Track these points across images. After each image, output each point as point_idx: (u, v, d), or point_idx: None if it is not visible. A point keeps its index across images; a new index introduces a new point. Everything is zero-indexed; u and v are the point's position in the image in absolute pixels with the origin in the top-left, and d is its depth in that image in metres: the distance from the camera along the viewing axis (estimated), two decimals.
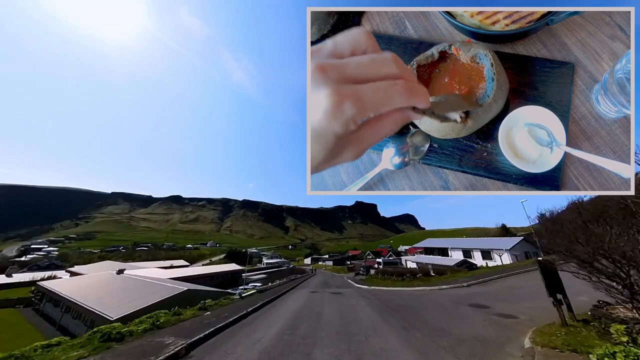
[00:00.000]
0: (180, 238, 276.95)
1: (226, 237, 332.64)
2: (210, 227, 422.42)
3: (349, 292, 22.96)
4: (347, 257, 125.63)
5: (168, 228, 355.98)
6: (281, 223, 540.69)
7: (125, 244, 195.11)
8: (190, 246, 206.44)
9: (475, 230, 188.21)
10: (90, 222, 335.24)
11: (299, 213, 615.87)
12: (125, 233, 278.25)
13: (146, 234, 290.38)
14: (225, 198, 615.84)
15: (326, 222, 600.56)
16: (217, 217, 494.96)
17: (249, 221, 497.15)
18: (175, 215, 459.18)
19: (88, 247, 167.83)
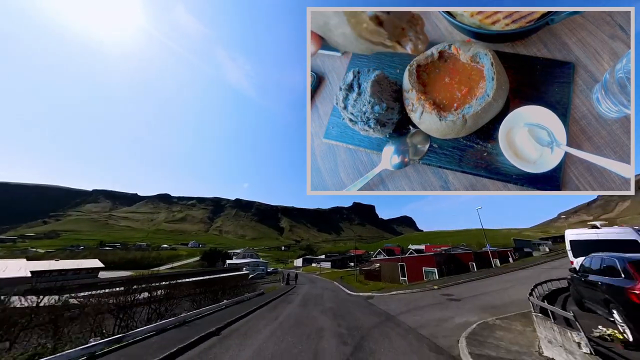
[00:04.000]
0: (161, 238, 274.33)
1: (214, 238, 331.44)
2: (199, 227, 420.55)
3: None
4: (348, 257, 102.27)
5: (151, 227, 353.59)
6: (276, 224, 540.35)
7: (92, 243, 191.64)
8: (167, 246, 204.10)
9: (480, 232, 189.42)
10: (62, 220, 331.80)
11: (294, 214, 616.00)
12: (97, 232, 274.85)
13: (123, 233, 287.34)
14: (217, 197, 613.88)
15: (323, 223, 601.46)
16: (206, 216, 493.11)
17: (241, 221, 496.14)
18: (162, 215, 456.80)
19: (44, 247, 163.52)
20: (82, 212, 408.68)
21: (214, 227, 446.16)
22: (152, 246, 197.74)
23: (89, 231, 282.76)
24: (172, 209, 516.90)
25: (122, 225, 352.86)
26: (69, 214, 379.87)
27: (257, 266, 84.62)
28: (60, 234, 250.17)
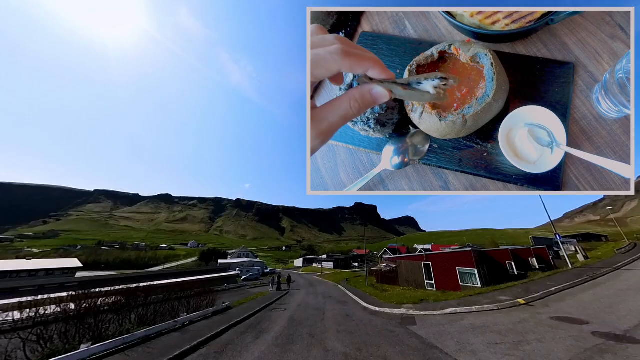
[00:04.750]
0: (161, 238, 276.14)
1: (214, 238, 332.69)
2: (199, 227, 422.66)
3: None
4: (351, 257, 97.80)
5: (151, 228, 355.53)
6: (277, 224, 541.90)
7: (91, 243, 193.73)
8: (165, 246, 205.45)
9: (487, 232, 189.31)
10: (63, 220, 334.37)
11: (296, 214, 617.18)
12: (97, 232, 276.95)
13: (123, 233, 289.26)
14: (218, 197, 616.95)
15: (325, 223, 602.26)
16: (207, 216, 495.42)
17: (242, 221, 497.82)
18: (162, 215, 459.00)
19: (41, 246, 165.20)
20: (83, 212, 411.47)
21: (215, 227, 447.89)
22: (151, 246, 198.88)
23: (89, 231, 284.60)
24: (173, 209, 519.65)
25: (122, 225, 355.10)
26: (69, 214, 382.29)
27: (252, 266, 76.48)
28: (59, 233, 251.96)
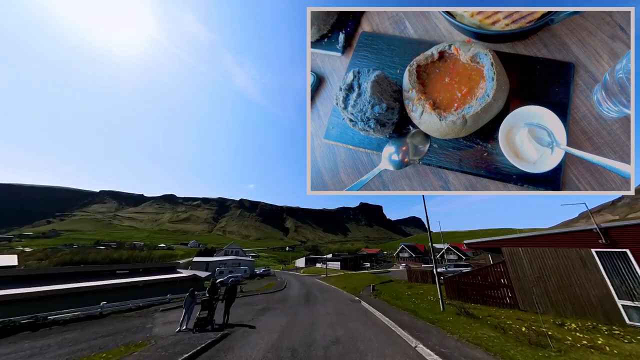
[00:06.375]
0: (162, 238, 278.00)
1: (217, 238, 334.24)
2: (202, 227, 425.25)
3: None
4: (361, 256, 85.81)
5: (154, 228, 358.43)
6: (281, 224, 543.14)
7: (90, 242, 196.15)
8: (164, 245, 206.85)
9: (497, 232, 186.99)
10: (67, 220, 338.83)
11: (300, 214, 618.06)
12: (99, 232, 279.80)
13: (125, 233, 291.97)
14: (221, 198, 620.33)
15: (329, 223, 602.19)
16: (211, 217, 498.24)
17: (245, 222, 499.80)
18: (166, 215, 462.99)
19: (37, 245, 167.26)
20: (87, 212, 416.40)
21: (218, 228, 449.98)
22: (149, 246, 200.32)
23: (91, 231, 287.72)
24: (176, 209, 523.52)
25: (125, 225, 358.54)
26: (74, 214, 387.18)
27: (238, 266, 61.39)
28: (61, 233, 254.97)
